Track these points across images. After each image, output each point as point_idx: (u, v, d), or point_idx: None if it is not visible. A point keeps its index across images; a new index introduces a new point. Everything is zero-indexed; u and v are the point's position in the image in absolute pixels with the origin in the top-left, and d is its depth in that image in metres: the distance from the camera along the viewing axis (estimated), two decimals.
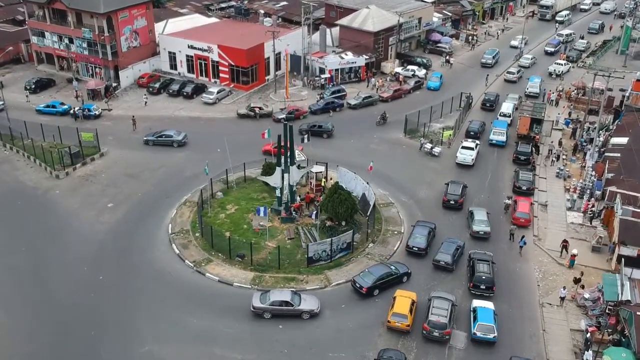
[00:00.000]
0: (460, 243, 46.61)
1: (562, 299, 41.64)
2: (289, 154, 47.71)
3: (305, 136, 55.44)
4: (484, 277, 42.27)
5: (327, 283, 43.23)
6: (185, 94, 73.74)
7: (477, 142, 61.90)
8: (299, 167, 51.60)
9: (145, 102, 72.07)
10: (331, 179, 54.65)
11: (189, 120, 68.85)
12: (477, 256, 44.62)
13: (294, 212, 49.55)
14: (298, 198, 51.08)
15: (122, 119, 68.32)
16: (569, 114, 70.82)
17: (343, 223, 48.34)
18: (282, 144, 47.45)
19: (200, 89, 74.90)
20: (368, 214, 48.59)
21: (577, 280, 42.89)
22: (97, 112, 68.64)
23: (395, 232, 48.95)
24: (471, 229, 49.08)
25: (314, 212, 47.19)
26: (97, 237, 48.08)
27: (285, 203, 49.34)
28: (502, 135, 63.74)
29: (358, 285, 42.26)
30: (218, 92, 73.18)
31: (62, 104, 70.13)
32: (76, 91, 73.23)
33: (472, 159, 59.49)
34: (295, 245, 46.83)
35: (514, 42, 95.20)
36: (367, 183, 51.49)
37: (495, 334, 38.35)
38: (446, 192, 53.10)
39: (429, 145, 61.14)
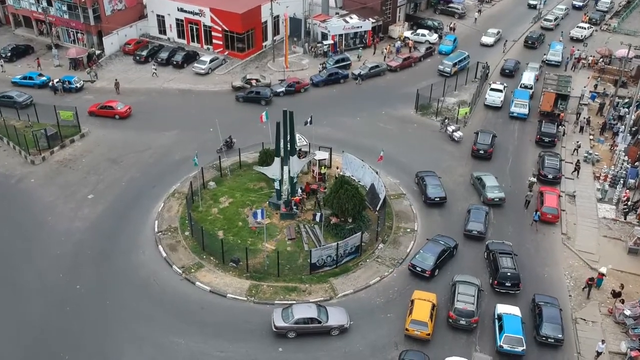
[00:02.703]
0: (486, 209, 44.67)
1: (599, 354, 34.34)
2: (288, 143, 42.19)
3: (308, 119, 49.42)
4: (509, 274, 38.30)
5: (333, 294, 38.26)
6: (175, 63, 67.32)
7: (505, 84, 62.14)
8: (299, 154, 46.17)
9: (154, 73, 65.49)
10: (337, 168, 49.21)
11: (179, 93, 62.64)
12: (497, 247, 40.55)
13: (294, 207, 44.28)
14: (299, 190, 45.69)
15: (106, 92, 62.18)
16: (595, 86, 64.68)
17: (349, 220, 43.17)
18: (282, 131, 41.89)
19: (191, 57, 68.35)
20: (377, 208, 43.44)
21: (616, 294, 37.88)
22: (78, 85, 62.50)
23: (408, 230, 43.77)
24: (484, 197, 45.94)
25: (319, 214, 41.81)
26: (76, 236, 42.93)
27: (285, 198, 44.05)
28: (524, 107, 58.10)
29: (419, 269, 39.40)
30: (211, 62, 66.65)
31: (40, 75, 63.82)
32: (37, 59, 66.91)
33: (501, 101, 59.81)
34: (297, 246, 41.77)
35: (487, 39, 74.28)
36: (377, 172, 46.12)
37: (524, 347, 34.09)
38: (475, 142, 52.21)
39: (451, 128, 55.16)
